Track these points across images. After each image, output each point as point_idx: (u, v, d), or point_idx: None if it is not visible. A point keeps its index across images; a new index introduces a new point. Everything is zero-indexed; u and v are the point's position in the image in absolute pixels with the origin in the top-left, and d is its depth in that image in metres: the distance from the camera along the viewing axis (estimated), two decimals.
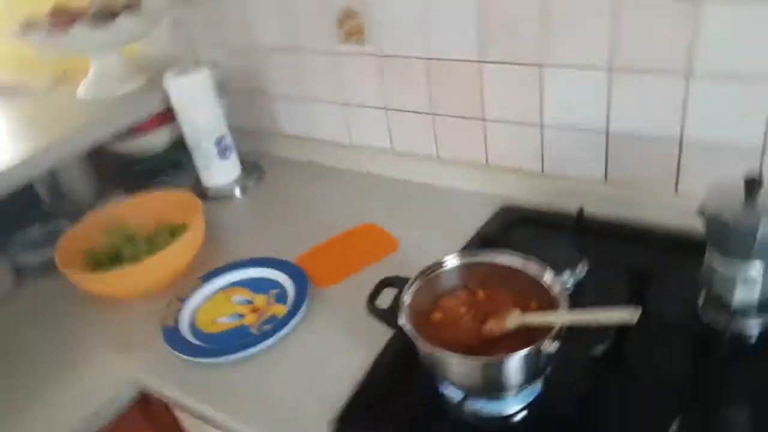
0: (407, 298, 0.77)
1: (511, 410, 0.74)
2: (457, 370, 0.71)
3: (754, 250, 0.73)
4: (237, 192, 1.41)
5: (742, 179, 0.73)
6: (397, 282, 0.81)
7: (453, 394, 0.76)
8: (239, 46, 1.44)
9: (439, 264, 0.82)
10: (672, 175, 1.03)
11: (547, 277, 0.75)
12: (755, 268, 0.75)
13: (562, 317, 0.68)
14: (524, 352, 0.66)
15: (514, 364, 0.68)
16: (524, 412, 0.74)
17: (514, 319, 0.73)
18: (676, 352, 0.81)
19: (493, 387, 0.72)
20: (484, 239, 1.05)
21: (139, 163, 1.48)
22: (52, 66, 1.63)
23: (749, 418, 0.70)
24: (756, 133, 0.92)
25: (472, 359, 0.70)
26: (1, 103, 1.52)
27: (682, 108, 0.96)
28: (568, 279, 0.90)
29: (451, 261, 0.82)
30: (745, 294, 0.77)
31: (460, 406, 0.74)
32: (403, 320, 0.74)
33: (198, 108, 1.31)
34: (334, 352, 0.90)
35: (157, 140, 1.47)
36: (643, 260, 0.93)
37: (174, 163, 1.49)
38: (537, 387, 0.75)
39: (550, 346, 0.67)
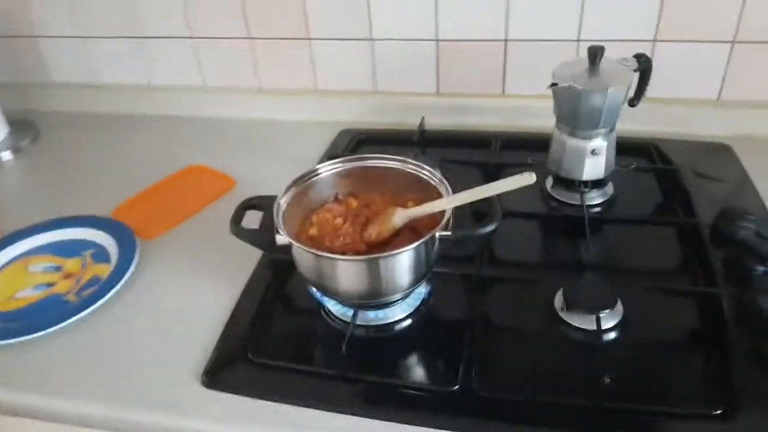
0: (279, 210, 0.66)
1: (399, 317, 0.68)
2: (344, 276, 0.62)
3: (601, 118, 0.76)
4: (7, 155, 1.13)
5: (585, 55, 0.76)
6: (261, 203, 0.70)
7: (338, 309, 0.69)
8: None
9: (309, 174, 0.72)
10: (499, 77, 1.05)
11: (426, 171, 0.70)
12: (602, 137, 0.78)
13: (456, 199, 0.63)
14: (423, 240, 0.60)
15: (407, 258, 0.61)
16: (411, 319, 0.69)
17: (400, 216, 0.66)
18: (536, 235, 0.82)
19: (385, 290, 0.64)
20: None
21: None
22: None
23: (612, 273, 0.73)
24: (571, 32, 0.97)
25: (363, 259, 0.62)
26: None
27: (505, 12, 0.98)
28: None
29: (323, 168, 0.73)
30: (593, 167, 0.80)
31: (349, 320, 0.66)
32: (281, 233, 0.63)
33: None
34: (188, 302, 0.75)
35: None
36: (488, 159, 0.93)
37: None
38: (422, 291, 0.70)
39: (445, 232, 0.61)
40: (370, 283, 0.62)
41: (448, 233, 0.62)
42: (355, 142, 1.04)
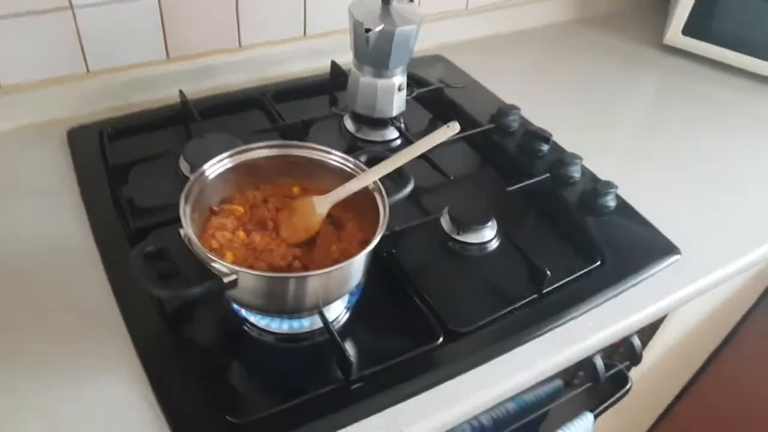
0: (192, 242, 0.54)
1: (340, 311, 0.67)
2: (310, 288, 0.57)
3: (407, 56, 0.83)
4: None
5: None
6: (160, 244, 0.56)
7: (266, 321, 0.63)
8: None
9: (193, 183, 0.60)
10: (233, 30, 0.98)
11: (329, 154, 0.66)
12: (402, 73, 0.86)
13: (382, 168, 0.62)
14: (381, 229, 0.58)
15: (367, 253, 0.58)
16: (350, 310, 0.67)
17: (322, 204, 0.62)
18: None
19: (345, 291, 0.62)
20: (97, 175, 0.78)
21: None
22: None
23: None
24: None
25: (335, 268, 0.56)
26: None
27: None
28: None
29: (210, 170, 0.62)
30: (399, 103, 0.88)
31: (276, 331, 0.63)
32: (224, 268, 0.53)
33: None
34: (75, 417, 0.56)
35: None
36: (283, 119, 0.90)
37: None
38: None
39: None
40: (339, 284, 0.59)
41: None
42: (106, 139, 0.84)
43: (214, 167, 0.62)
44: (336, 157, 0.66)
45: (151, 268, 0.53)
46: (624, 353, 0.81)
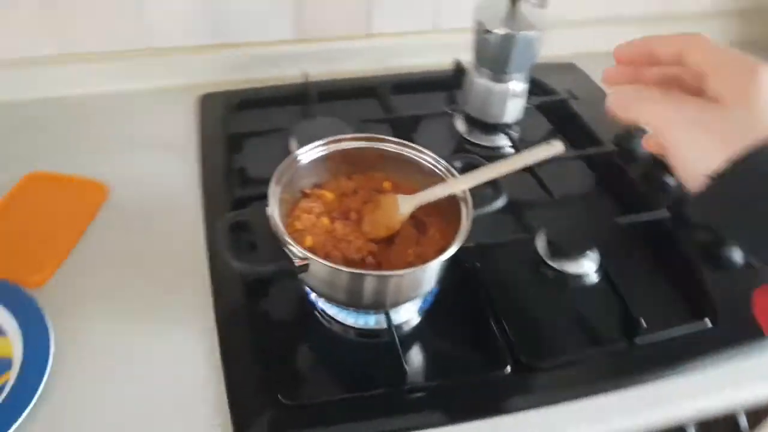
0: (277, 224, 0.55)
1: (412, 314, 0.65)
2: (381, 288, 0.57)
3: (528, 62, 0.79)
4: None
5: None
6: (246, 218, 0.58)
7: (344, 315, 0.63)
8: None
9: (288, 165, 0.62)
10: (363, 18, 0.99)
11: (422, 154, 0.65)
12: (522, 79, 0.82)
13: (473, 178, 0.60)
14: (460, 239, 0.56)
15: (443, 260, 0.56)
16: (423, 313, 0.66)
17: (406, 204, 0.61)
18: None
19: (419, 293, 0.61)
20: (217, 140, 0.83)
21: None
22: None
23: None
24: None
25: (409, 271, 0.56)
26: None
27: None
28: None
29: (303, 155, 0.63)
30: (514, 109, 0.84)
31: (354, 325, 0.62)
32: (299, 253, 0.54)
33: None
34: (153, 360, 0.60)
35: None
36: (395, 111, 0.90)
37: None
38: None
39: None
40: (410, 288, 0.58)
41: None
42: (231, 109, 0.89)
43: (310, 152, 0.63)
44: (428, 158, 0.64)
45: (235, 238, 0.56)
46: None
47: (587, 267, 0.70)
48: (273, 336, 0.62)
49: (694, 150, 0.34)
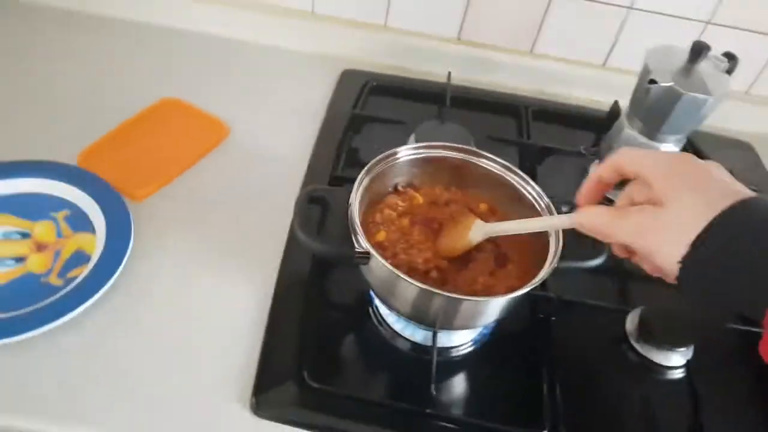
0: (354, 214, 0.54)
1: (467, 340, 0.61)
2: (435, 307, 0.53)
3: (689, 124, 0.70)
4: None
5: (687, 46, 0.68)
6: (325, 196, 0.58)
7: (401, 325, 0.60)
8: None
9: (383, 160, 0.60)
10: (532, 33, 0.94)
11: (527, 185, 0.60)
12: (676, 142, 0.73)
13: (558, 221, 0.54)
14: (534, 283, 0.51)
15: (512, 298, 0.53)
16: (477, 343, 0.62)
17: (478, 232, 0.56)
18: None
19: (474, 324, 0.57)
20: (342, 116, 0.83)
21: None
22: None
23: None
24: None
25: (470, 299, 0.52)
26: None
27: None
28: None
29: (402, 153, 0.61)
30: None
31: (410, 338, 0.60)
32: (364, 246, 0.52)
33: None
34: (206, 295, 0.62)
35: None
36: (525, 138, 0.85)
37: None
38: None
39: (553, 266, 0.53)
40: (463, 317, 0.54)
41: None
42: (367, 90, 0.90)
43: (411, 152, 0.61)
44: (532, 190, 0.59)
45: (310, 214, 0.55)
46: None
47: (674, 360, 0.61)
48: (322, 317, 0.62)
49: (662, 249, 0.38)
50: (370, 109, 0.87)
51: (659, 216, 0.38)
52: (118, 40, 0.92)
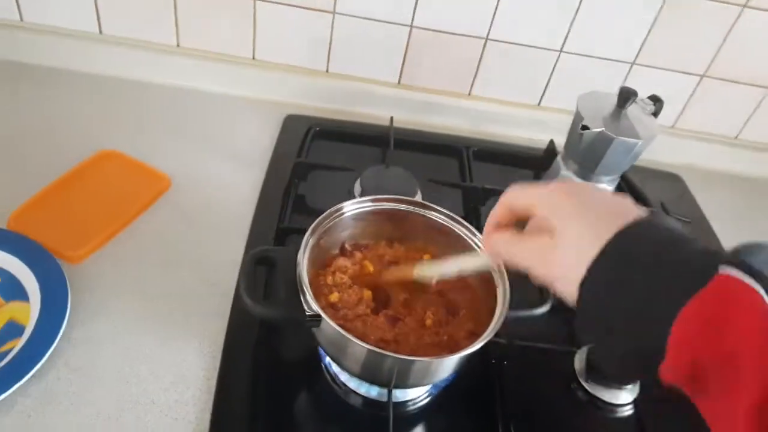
0: (303, 273, 0.53)
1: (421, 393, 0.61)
2: (389, 369, 0.53)
3: (621, 166, 0.74)
4: None
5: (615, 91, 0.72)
6: (273, 256, 0.56)
7: (355, 383, 0.60)
8: None
9: (329, 216, 0.59)
10: (469, 77, 0.97)
11: (474, 236, 0.61)
12: (610, 182, 0.77)
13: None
14: (484, 339, 0.51)
15: (460, 357, 0.52)
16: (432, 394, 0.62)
17: (421, 274, 0.57)
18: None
19: (429, 381, 0.57)
20: (286, 163, 0.83)
21: None
22: None
23: None
24: (555, 42, 0.92)
25: (425, 360, 0.52)
26: None
27: (494, 9, 0.89)
28: None
29: (347, 208, 0.61)
30: None
31: (365, 394, 0.59)
32: (314, 310, 0.51)
33: None
34: (152, 364, 0.60)
35: None
36: (468, 180, 0.87)
37: None
38: None
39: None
40: (417, 376, 0.54)
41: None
42: (311, 135, 0.90)
43: (354, 206, 0.61)
44: (479, 241, 0.60)
45: (257, 274, 0.54)
46: None
47: (623, 398, 0.63)
48: (273, 377, 0.60)
49: (558, 278, 0.39)
50: (315, 154, 0.86)
51: (554, 247, 0.39)
52: (51, 90, 0.89)
